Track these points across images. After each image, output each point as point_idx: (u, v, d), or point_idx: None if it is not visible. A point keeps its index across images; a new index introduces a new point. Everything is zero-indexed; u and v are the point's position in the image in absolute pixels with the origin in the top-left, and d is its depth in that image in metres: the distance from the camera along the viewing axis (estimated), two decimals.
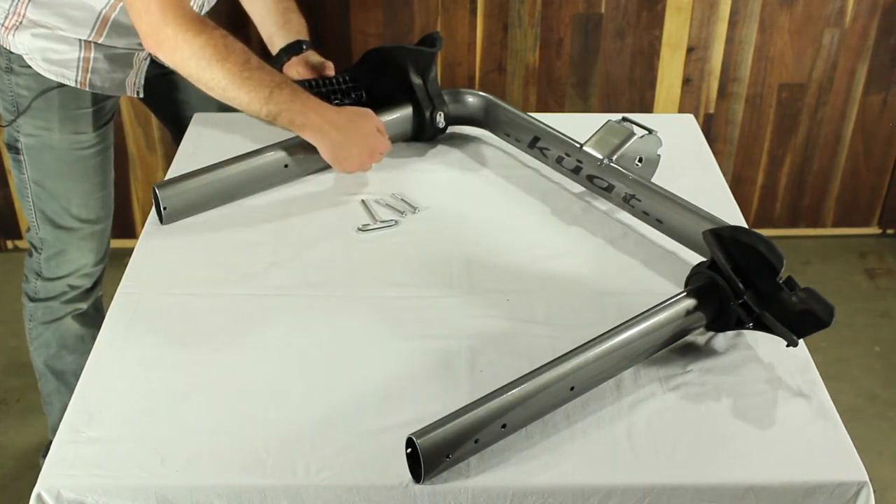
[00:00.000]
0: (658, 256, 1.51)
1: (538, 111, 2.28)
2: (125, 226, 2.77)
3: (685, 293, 1.31)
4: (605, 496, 1.13)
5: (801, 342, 1.29)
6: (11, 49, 1.67)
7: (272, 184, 1.66)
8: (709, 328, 1.34)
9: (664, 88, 2.69)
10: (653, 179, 1.59)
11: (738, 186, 2.82)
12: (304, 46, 1.84)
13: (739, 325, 1.31)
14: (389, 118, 1.76)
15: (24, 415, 2.32)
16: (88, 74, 1.70)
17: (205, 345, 1.33)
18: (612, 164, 1.57)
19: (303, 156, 1.67)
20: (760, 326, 1.29)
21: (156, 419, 1.21)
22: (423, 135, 1.79)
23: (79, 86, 1.71)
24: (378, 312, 1.39)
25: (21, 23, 1.64)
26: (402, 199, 1.64)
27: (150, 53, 1.79)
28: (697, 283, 1.33)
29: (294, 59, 1.83)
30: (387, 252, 1.52)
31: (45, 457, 1.17)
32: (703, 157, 1.80)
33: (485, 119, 1.81)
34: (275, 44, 1.85)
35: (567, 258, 1.51)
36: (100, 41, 1.69)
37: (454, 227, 1.58)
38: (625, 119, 1.65)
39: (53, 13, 1.64)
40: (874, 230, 2.96)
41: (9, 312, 2.59)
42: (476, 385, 1.24)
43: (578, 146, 1.62)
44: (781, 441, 1.19)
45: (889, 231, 2.97)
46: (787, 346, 1.26)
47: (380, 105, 1.78)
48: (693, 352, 1.32)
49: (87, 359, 1.30)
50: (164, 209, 1.56)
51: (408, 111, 1.77)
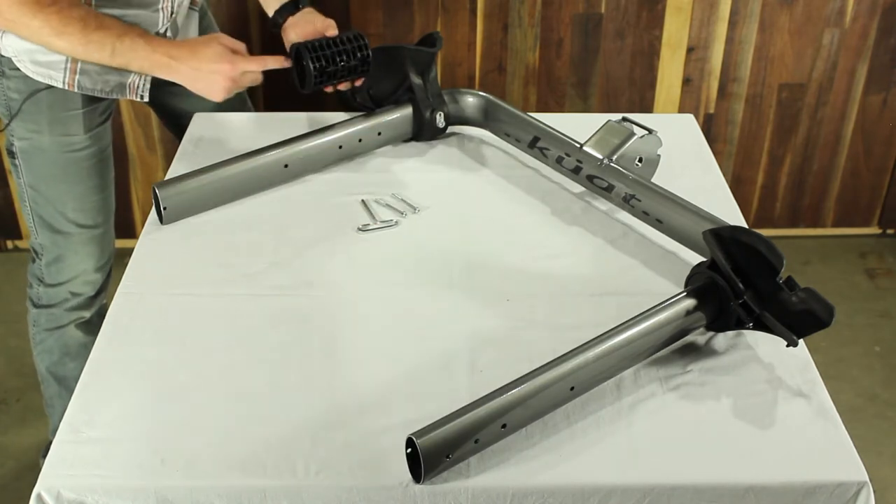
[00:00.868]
0: (658, 256, 1.51)
1: (538, 111, 2.28)
2: (125, 226, 2.77)
3: (685, 293, 1.32)
4: (605, 496, 1.13)
5: (801, 342, 1.29)
6: (1, 52, 1.67)
7: (272, 184, 1.66)
8: (709, 328, 1.34)
9: (664, 88, 2.69)
10: (653, 179, 1.59)
11: (738, 186, 2.82)
12: (301, 5, 1.80)
13: (739, 325, 1.31)
14: (389, 118, 1.76)
15: (24, 415, 2.32)
16: (76, 76, 1.69)
17: (205, 345, 1.33)
18: (612, 164, 1.57)
19: (303, 156, 1.68)
20: (760, 326, 1.29)
21: (156, 419, 1.21)
22: (423, 135, 1.79)
23: (66, 87, 1.69)
24: (378, 312, 1.39)
25: None
26: (402, 199, 1.64)
27: None
28: (697, 283, 1.33)
29: (291, 20, 1.78)
30: (387, 252, 1.52)
31: (45, 457, 1.17)
32: (703, 157, 1.80)
33: (485, 119, 1.81)
34: (270, 5, 1.81)
35: (567, 258, 1.51)
36: None
37: (454, 227, 1.58)
38: (625, 119, 1.65)
39: None
40: (874, 230, 2.96)
41: (9, 313, 2.59)
42: (476, 385, 1.24)
43: (578, 146, 1.62)
44: (781, 441, 1.19)
45: (889, 231, 2.97)
46: (787, 346, 1.26)
47: (380, 105, 1.78)
48: (693, 352, 1.32)
49: None
50: (164, 209, 1.56)
51: (408, 111, 1.77)
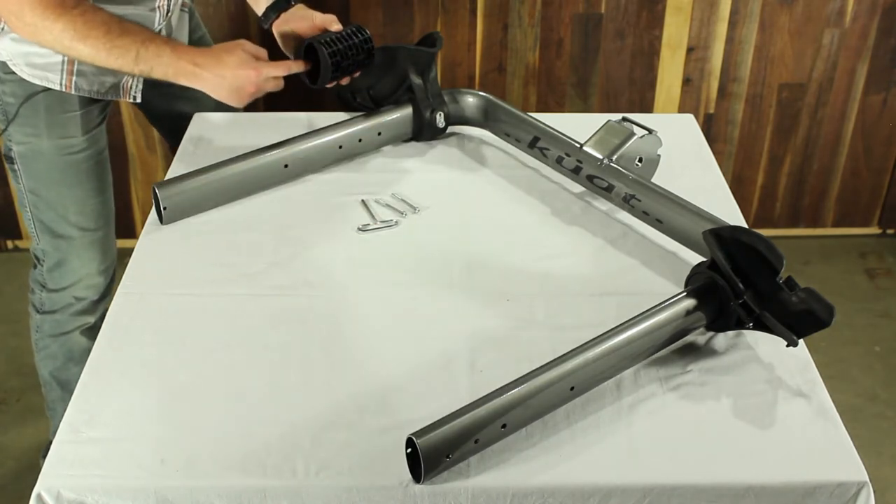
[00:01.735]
0: (658, 256, 1.51)
1: (538, 111, 2.28)
2: (125, 226, 2.77)
3: (685, 293, 1.31)
4: (605, 496, 1.13)
5: (801, 342, 1.29)
6: None
7: (272, 184, 1.66)
8: (709, 328, 1.34)
9: (664, 88, 2.69)
10: (653, 179, 1.59)
11: (738, 186, 2.82)
12: (292, 2, 1.77)
13: (739, 325, 1.31)
14: (389, 118, 1.76)
15: (24, 415, 2.31)
16: (73, 77, 1.68)
17: (205, 345, 1.33)
18: (612, 164, 1.57)
19: (303, 156, 1.68)
20: (760, 326, 1.29)
21: (156, 419, 1.21)
22: (423, 135, 1.79)
23: (64, 89, 1.69)
24: (378, 312, 1.39)
25: (3, 28, 1.63)
26: (402, 199, 1.64)
27: None
28: (697, 283, 1.33)
29: (283, 16, 1.76)
30: (387, 252, 1.52)
31: (45, 457, 1.17)
32: (703, 157, 1.80)
33: (485, 119, 1.81)
34: (260, 4, 1.79)
35: (567, 258, 1.51)
36: None
37: (454, 227, 1.58)
38: (625, 119, 1.65)
39: None
40: (874, 230, 2.96)
41: (9, 312, 2.59)
42: (476, 385, 1.24)
43: (578, 146, 1.62)
44: (781, 441, 1.19)
45: (889, 231, 2.96)
46: (787, 346, 1.26)
47: (380, 105, 1.78)
48: (693, 352, 1.32)
49: None
50: (164, 209, 1.56)
51: (408, 111, 1.77)
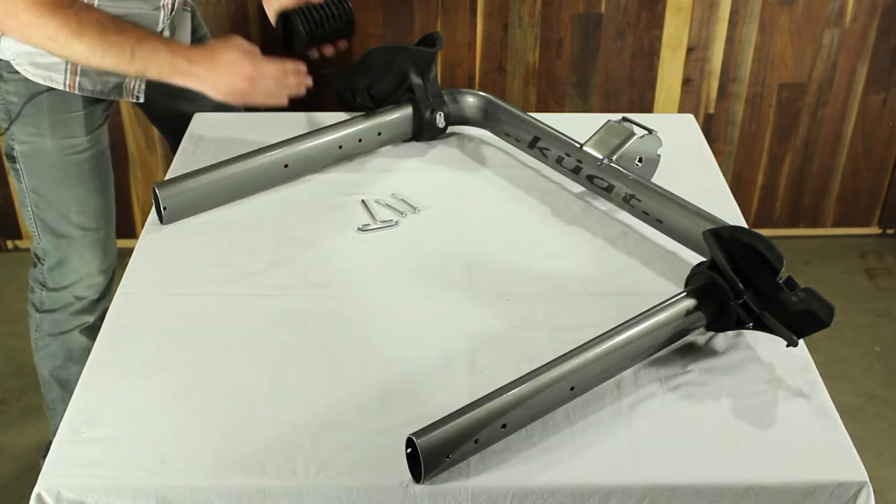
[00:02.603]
0: (658, 256, 1.51)
1: (538, 111, 2.28)
2: (125, 226, 2.77)
3: (685, 293, 1.31)
4: (605, 496, 1.13)
5: (801, 342, 1.29)
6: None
7: (272, 184, 1.66)
8: (709, 328, 1.34)
9: (664, 88, 2.69)
10: (653, 179, 1.59)
11: (738, 186, 2.82)
12: None
13: (739, 326, 1.31)
14: (389, 118, 1.76)
15: (24, 415, 2.31)
16: (77, 77, 1.68)
17: (205, 345, 1.33)
18: (612, 164, 1.57)
19: (303, 156, 1.67)
20: (760, 326, 1.29)
21: (156, 419, 1.21)
22: (423, 135, 1.79)
23: (67, 89, 1.69)
24: (378, 312, 1.39)
25: None
26: (402, 199, 1.64)
27: None
28: (697, 283, 1.33)
29: None
30: (387, 252, 1.52)
31: (45, 457, 1.17)
32: (703, 157, 1.80)
33: (484, 119, 1.81)
34: None
35: (567, 258, 1.51)
36: None
37: (454, 227, 1.58)
38: (625, 119, 1.65)
39: None
40: (874, 230, 2.96)
41: (9, 312, 2.59)
42: (476, 385, 1.24)
43: (578, 146, 1.62)
44: (781, 441, 1.19)
45: (889, 231, 2.96)
46: (787, 347, 1.26)
47: (380, 105, 1.78)
48: (693, 352, 1.32)
49: None
50: (164, 209, 1.56)
51: (408, 111, 1.77)
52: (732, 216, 1.59)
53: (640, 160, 1.61)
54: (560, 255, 1.52)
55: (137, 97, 1.78)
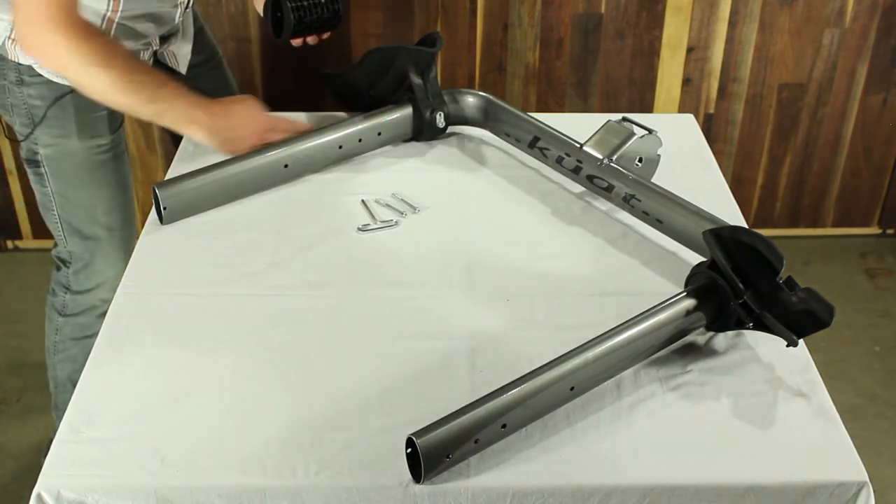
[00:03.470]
0: (658, 256, 1.51)
1: (538, 111, 2.28)
2: None
3: (685, 293, 1.31)
4: (605, 496, 1.13)
5: (801, 342, 1.29)
6: (20, 60, 1.64)
7: (272, 184, 1.66)
8: (709, 328, 1.34)
9: (664, 88, 2.69)
10: (653, 179, 1.59)
11: (738, 186, 2.82)
12: None
13: (739, 326, 1.31)
14: (389, 118, 1.76)
15: (24, 415, 2.31)
16: None
17: (205, 345, 1.33)
18: (612, 164, 1.57)
19: (303, 156, 1.68)
20: (760, 326, 1.29)
21: (156, 419, 1.21)
22: (423, 135, 1.79)
23: None
24: (378, 312, 1.39)
25: None
26: (402, 199, 1.64)
27: (155, 52, 1.79)
28: (697, 283, 1.33)
29: None
30: (387, 252, 1.52)
31: (46, 457, 1.17)
32: (703, 157, 1.80)
33: (485, 119, 1.81)
34: None
35: (567, 258, 1.51)
36: None
37: (454, 227, 1.58)
38: (625, 119, 1.65)
39: None
40: (874, 230, 2.96)
41: (9, 312, 2.59)
42: (476, 385, 1.24)
43: (578, 146, 1.62)
44: (781, 441, 1.19)
45: (889, 231, 2.97)
46: (788, 347, 1.26)
47: (380, 105, 1.78)
48: (693, 352, 1.32)
49: None
50: (164, 209, 1.56)
51: (408, 111, 1.77)
52: (732, 216, 1.59)
53: (640, 160, 1.61)
54: (560, 255, 1.52)
55: None
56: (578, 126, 1.67)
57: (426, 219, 1.60)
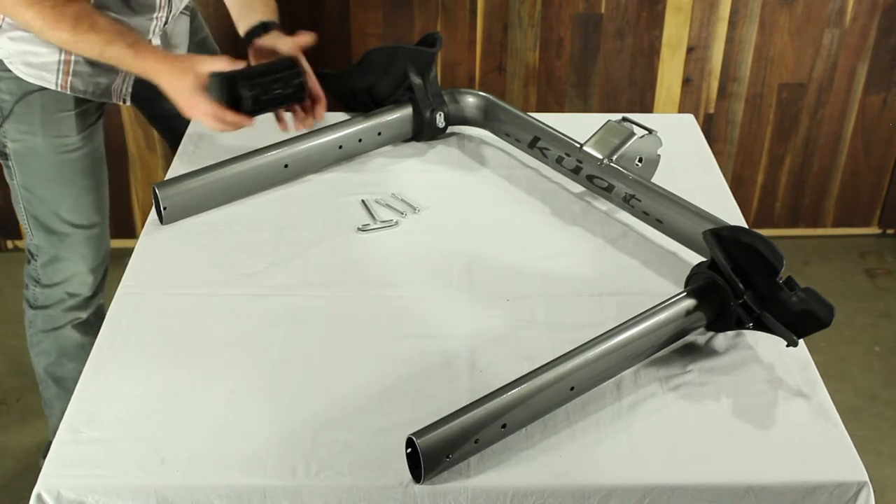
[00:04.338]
0: (658, 256, 1.51)
1: (538, 111, 2.28)
2: (125, 226, 2.77)
3: (685, 293, 1.31)
4: (605, 496, 1.13)
5: (801, 342, 1.29)
6: None
7: (272, 184, 1.66)
8: (709, 328, 1.34)
9: (664, 88, 2.69)
10: (653, 179, 1.59)
11: (738, 186, 2.82)
12: (269, 28, 1.74)
13: (739, 326, 1.31)
14: (389, 118, 1.76)
15: (24, 415, 2.31)
16: (69, 77, 1.68)
17: (205, 345, 1.33)
18: (613, 164, 1.57)
19: (303, 156, 1.68)
20: (760, 326, 1.29)
21: (156, 419, 1.21)
22: (423, 135, 1.79)
23: (59, 89, 1.68)
24: (378, 312, 1.39)
25: (0, 26, 1.64)
26: (402, 199, 1.64)
27: None
28: (697, 283, 1.33)
29: (258, 42, 1.74)
30: (387, 252, 1.52)
31: (45, 457, 1.17)
32: (703, 157, 1.80)
33: (485, 119, 1.81)
34: (241, 28, 1.77)
35: (567, 258, 1.51)
36: None
37: (454, 227, 1.58)
38: (625, 119, 1.65)
39: None
40: (874, 230, 2.96)
41: (9, 313, 2.59)
42: (476, 385, 1.24)
43: (578, 146, 1.62)
44: (781, 441, 1.19)
45: (889, 231, 2.96)
46: (788, 347, 1.26)
47: (380, 105, 1.78)
48: (693, 352, 1.32)
49: None
50: (164, 209, 1.56)
51: (408, 111, 1.77)
52: (732, 216, 1.59)
53: (640, 160, 1.61)
54: (560, 255, 1.52)
55: (124, 99, 1.78)
56: (578, 126, 1.67)
57: (426, 219, 1.60)
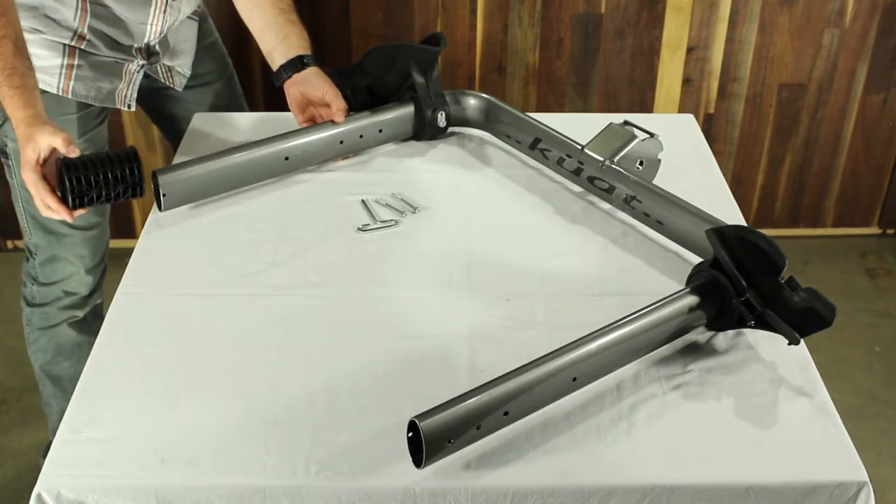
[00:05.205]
0: (659, 256, 1.51)
1: (538, 111, 2.28)
2: (125, 226, 2.77)
3: (688, 289, 1.31)
4: (605, 496, 1.13)
5: (802, 342, 1.28)
6: None
7: (272, 175, 1.66)
8: (710, 327, 1.34)
9: (664, 88, 2.69)
10: (653, 180, 1.59)
11: (738, 186, 2.82)
12: (305, 61, 1.76)
13: (741, 324, 1.31)
14: (391, 115, 1.76)
15: (24, 415, 2.32)
16: (71, 82, 1.68)
17: (205, 345, 1.33)
18: (614, 166, 1.57)
19: (304, 149, 1.68)
20: (762, 325, 1.29)
21: (156, 419, 1.21)
22: (424, 134, 1.79)
23: (61, 93, 1.69)
24: (378, 312, 1.39)
25: None
26: (402, 199, 1.64)
27: (143, 66, 1.78)
28: (700, 281, 1.33)
29: (296, 77, 1.75)
30: (387, 252, 1.52)
31: (45, 457, 1.17)
32: (703, 158, 1.80)
33: (485, 121, 1.81)
34: (275, 59, 1.77)
35: (568, 258, 1.51)
36: (82, 46, 1.68)
37: (454, 227, 1.58)
38: (626, 123, 1.65)
39: (34, 15, 1.63)
40: (874, 230, 2.96)
41: (9, 312, 2.59)
42: (476, 385, 1.23)
43: (580, 148, 1.62)
44: (781, 441, 1.19)
45: (889, 231, 2.97)
46: (789, 345, 1.26)
47: (382, 103, 1.78)
48: (693, 351, 1.32)
49: (85, 364, 1.30)
50: (164, 195, 1.56)
51: (409, 110, 1.77)
52: (732, 216, 1.59)
53: (641, 163, 1.61)
54: (560, 255, 1.51)
55: (129, 105, 1.78)
56: (578, 126, 1.67)
57: (426, 219, 1.60)
